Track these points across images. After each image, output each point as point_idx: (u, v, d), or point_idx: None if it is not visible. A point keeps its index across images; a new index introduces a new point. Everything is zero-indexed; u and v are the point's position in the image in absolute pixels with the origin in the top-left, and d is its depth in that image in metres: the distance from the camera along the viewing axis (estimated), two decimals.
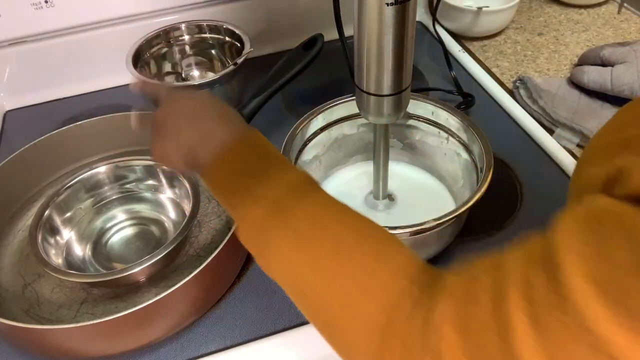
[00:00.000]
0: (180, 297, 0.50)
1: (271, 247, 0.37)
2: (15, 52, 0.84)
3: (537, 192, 0.66)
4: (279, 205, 0.37)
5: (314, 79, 0.84)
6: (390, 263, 0.33)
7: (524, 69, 0.87)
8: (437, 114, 0.64)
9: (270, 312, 0.56)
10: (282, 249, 0.36)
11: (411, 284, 0.31)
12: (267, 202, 0.37)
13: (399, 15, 0.45)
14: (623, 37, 0.92)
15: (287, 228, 0.36)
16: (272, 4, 0.90)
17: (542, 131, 0.74)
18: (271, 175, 0.39)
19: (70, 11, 0.81)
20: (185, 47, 0.85)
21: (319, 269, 0.34)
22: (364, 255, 0.34)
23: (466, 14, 0.91)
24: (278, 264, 0.37)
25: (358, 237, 0.35)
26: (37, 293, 0.58)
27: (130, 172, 0.67)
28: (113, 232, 0.65)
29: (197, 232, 0.63)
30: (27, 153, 0.66)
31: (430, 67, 0.89)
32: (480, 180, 0.55)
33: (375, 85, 0.51)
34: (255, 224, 0.38)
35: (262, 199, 0.38)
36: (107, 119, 0.70)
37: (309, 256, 0.35)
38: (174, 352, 0.53)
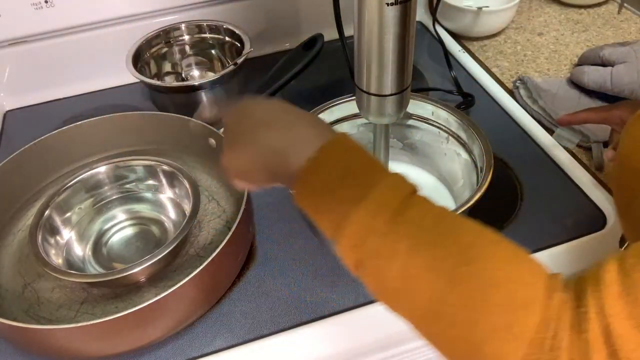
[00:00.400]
0: (180, 297, 0.50)
1: (384, 255, 0.34)
2: (15, 52, 0.84)
3: (537, 192, 0.66)
4: (388, 209, 0.35)
5: (314, 79, 0.83)
6: (527, 263, 0.33)
7: (524, 69, 0.87)
8: (437, 114, 0.64)
9: (270, 312, 0.56)
10: (401, 257, 0.33)
11: (560, 287, 0.31)
12: (371, 203, 0.35)
13: (399, 15, 0.45)
14: (623, 37, 0.92)
15: (405, 234, 0.34)
16: (272, 4, 0.90)
17: (542, 131, 0.74)
18: (370, 175, 0.37)
19: (70, 11, 0.81)
20: (185, 47, 0.85)
21: (453, 281, 0.32)
22: (500, 261, 0.32)
23: (466, 14, 0.91)
24: (399, 272, 0.34)
25: (485, 242, 0.33)
26: (37, 293, 0.58)
27: (130, 172, 0.67)
28: (113, 232, 0.65)
29: (197, 232, 0.63)
30: (27, 153, 0.66)
31: (430, 67, 0.89)
32: (480, 180, 0.55)
33: (375, 85, 0.51)
34: (360, 227, 0.35)
35: (365, 200, 0.35)
36: (107, 119, 0.70)
37: (437, 266, 0.32)
38: (174, 352, 0.53)
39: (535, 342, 0.29)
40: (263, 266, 0.60)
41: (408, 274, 0.33)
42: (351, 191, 0.36)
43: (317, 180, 0.38)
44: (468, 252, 0.32)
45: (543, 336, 0.29)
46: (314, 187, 0.38)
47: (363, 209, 0.35)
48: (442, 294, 0.32)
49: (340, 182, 0.37)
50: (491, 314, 0.31)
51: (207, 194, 0.67)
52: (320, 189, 0.37)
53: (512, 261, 0.32)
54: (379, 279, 0.35)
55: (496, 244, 0.33)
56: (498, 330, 0.30)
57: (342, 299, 0.56)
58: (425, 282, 0.33)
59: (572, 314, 0.30)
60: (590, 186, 0.66)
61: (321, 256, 0.61)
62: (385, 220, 0.34)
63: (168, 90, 0.78)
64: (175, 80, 0.86)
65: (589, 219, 0.62)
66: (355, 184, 0.36)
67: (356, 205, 0.35)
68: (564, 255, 0.59)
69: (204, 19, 0.85)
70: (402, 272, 0.33)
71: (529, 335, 0.29)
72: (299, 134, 0.40)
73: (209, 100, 0.76)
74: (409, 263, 0.33)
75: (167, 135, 0.70)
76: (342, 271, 0.59)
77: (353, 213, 0.35)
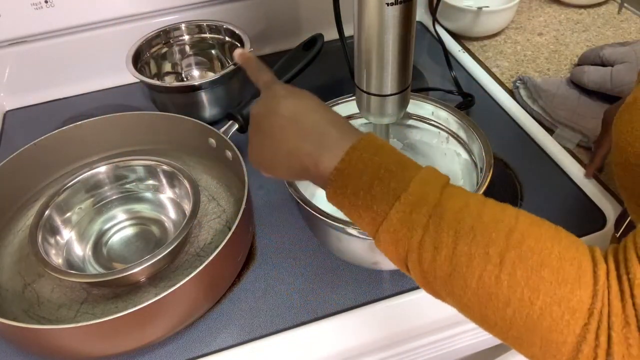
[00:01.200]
0: (180, 297, 0.50)
1: (430, 247, 0.35)
2: (15, 52, 0.84)
3: (537, 192, 0.66)
4: (428, 202, 0.36)
5: (314, 79, 0.83)
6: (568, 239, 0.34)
7: (524, 69, 0.87)
8: (437, 114, 0.64)
9: (270, 312, 0.56)
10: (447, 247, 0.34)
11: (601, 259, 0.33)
12: (411, 196, 0.36)
13: (399, 15, 0.45)
14: (623, 37, 0.92)
15: (448, 225, 0.35)
16: (272, 4, 0.90)
17: (542, 131, 0.74)
18: (405, 170, 0.37)
19: (70, 11, 0.81)
20: (185, 47, 0.85)
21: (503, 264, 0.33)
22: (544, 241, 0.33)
23: (466, 14, 0.91)
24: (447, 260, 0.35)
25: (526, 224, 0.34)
26: (37, 293, 0.58)
27: (130, 172, 0.67)
28: (113, 232, 0.65)
29: (197, 232, 0.63)
30: (27, 153, 0.66)
31: (430, 67, 0.89)
32: (480, 180, 0.55)
33: (375, 85, 0.51)
34: (402, 223, 0.36)
35: (404, 194, 0.36)
36: (107, 119, 0.70)
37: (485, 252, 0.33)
38: (174, 352, 0.53)
39: (591, 312, 0.31)
40: (263, 266, 0.60)
41: (457, 261, 0.34)
42: (388, 188, 0.37)
43: (351, 181, 0.38)
44: (512, 237, 0.33)
45: (597, 306, 0.31)
46: (348, 188, 0.38)
47: (403, 204, 0.36)
48: (494, 275, 0.33)
49: (375, 181, 0.37)
50: (546, 291, 0.32)
51: (207, 194, 0.67)
52: (355, 189, 0.38)
53: (555, 239, 0.34)
54: (426, 269, 0.36)
55: (537, 225, 0.34)
56: (555, 304, 0.32)
57: (342, 299, 0.56)
58: (475, 267, 0.34)
59: (618, 282, 0.32)
60: (590, 186, 0.66)
61: (321, 256, 0.61)
62: (427, 212, 0.35)
63: (168, 90, 0.78)
64: (175, 80, 0.86)
65: (589, 219, 0.62)
66: (391, 180, 0.37)
67: (395, 200, 0.36)
68: None
69: (204, 19, 0.85)
70: (450, 260, 0.34)
71: (585, 307, 0.31)
72: (327, 134, 0.41)
73: (208, 100, 0.76)
74: (456, 251, 0.34)
75: (167, 135, 0.70)
76: (342, 271, 0.59)
77: (393, 209, 0.36)
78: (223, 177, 0.68)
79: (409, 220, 0.36)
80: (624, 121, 0.41)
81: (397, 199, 0.36)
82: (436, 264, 0.35)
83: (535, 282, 0.32)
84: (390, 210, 0.36)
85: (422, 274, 0.36)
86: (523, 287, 0.32)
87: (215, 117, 0.78)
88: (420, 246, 0.35)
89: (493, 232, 0.34)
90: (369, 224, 0.38)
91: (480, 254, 0.33)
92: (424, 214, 0.35)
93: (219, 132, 0.65)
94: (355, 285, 0.57)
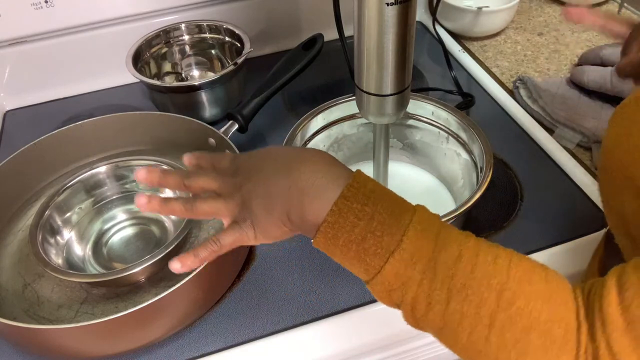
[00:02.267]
0: (180, 297, 0.50)
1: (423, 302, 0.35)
2: (15, 52, 0.84)
3: (537, 192, 0.66)
4: (422, 257, 0.35)
5: (314, 79, 0.84)
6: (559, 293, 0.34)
7: (524, 69, 0.87)
8: (437, 114, 0.64)
9: (270, 312, 0.56)
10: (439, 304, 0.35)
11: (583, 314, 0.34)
12: (405, 252, 0.35)
13: (399, 15, 0.45)
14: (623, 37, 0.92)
15: (441, 282, 0.35)
16: (272, 4, 0.90)
17: (542, 131, 0.74)
18: (398, 220, 0.36)
19: (70, 11, 0.81)
20: (185, 47, 0.85)
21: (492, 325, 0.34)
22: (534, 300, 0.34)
23: (466, 14, 0.91)
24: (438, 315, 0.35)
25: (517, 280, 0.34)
26: (37, 293, 0.58)
27: (130, 172, 0.67)
28: (113, 232, 0.65)
29: (197, 232, 0.63)
30: (27, 153, 0.66)
31: (430, 67, 0.89)
32: (480, 180, 0.55)
33: (375, 85, 0.51)
34: (396, 277, 0.36)
35: (398, 250, 0.35)
36: (107, 119, 0.70)
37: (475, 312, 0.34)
38: (174, 352, 0.53)
39: None
40: (263, 266, 0.60)
41: (449, 318, 0.35)
42: (381, 243, 0.36)
43: (342, 234, 0.37)
44: (502, 296, 0.34)
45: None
46: (340, 239, 0.37)
47: (397, 260, 0.35)
48: (483, 335, 0.34)
49: (367, 234, 0.36)
50: (534, 354, 0.33)
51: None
52: (347, 242, 0.37)
53: (544, 296, 0.34)
54: (418, 318, 0.36)
55: (527, 281, 0.34)
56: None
57: (342, 299, 0.56)
58: (466, 326, 0.34)
59: (591, 347, 0.32)
60: (590, 186, 0.66)
61: (321, 256, 0.61)
62: (421, 269, 0.35)
63: (168, 90, 0.78)
64: (175, 80, 0.86)
65: (589, 219, 0.62)
66: (384, 234, 0.36)
67: (390, 256, 0.36)
68: (564, 255, 0.59)
69: (204, 19, 0.85)
70: (442, 316, 0.35)
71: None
72: (310, 181, 0.38)
73: (208, 100, 0.76)
74: (448, 309, 0.35)
75: (167, 135, 0.70)
76: (342, 271, 0.59)
77: (387, 264, 0.36)
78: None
79: (403, 275, 0.35)
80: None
81: (391, 255, 0.35)
82: (428, 317, 0.36)
83: (523, 346, 0.33)
84: (385, 265, 0.36)
85: (414, 321, 0.37)
86: (510, 349, 0.33)
87: (215, 117, 0.78)
88: (413, 301, 0.36)
89: (485, 292, 0.34)
90: (361, 273, 0.38)
91: (471, 314, 0.34)
92: (418, 270, 0.35)
93: (219, 132, 0.65)
94: (355, 285, 0.57)
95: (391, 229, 0.36)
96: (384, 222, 0.36)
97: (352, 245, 0.37)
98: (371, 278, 0.37)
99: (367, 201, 0.37)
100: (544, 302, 0.34)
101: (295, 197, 0.38)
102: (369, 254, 0.36)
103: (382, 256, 0.36)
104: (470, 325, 0.34)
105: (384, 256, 0.36)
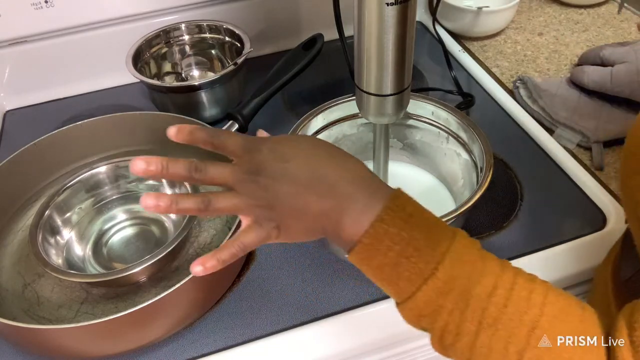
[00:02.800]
0: (180, 297, 0.50)
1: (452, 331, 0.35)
2: (15, 52, 0.84)
3: (537, 192, 0.66)
4: (456, 287, 0.34)
5: (314, 79, 0.84)
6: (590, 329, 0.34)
7: (524, 69, 0.87)
8: (437, 114, 0.64)
9: (270, 312, 0.56)
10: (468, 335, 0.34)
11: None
12: (439, 281, 0.34)
13: (399, 15, 0.45)
14: (623, 37, 0.92)
15: (472, 314, 0.34)
16: (272, 4, 0.90)
17: (542, 131, 0.74)
18: (434, 247, 0.35)
19: (70, 11, 0.81)
20: (185, 47, 0.85)
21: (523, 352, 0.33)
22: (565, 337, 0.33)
23: (466, 14, 0.91)
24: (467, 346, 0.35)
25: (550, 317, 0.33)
26: (37, 293, 0.58)
27: (131, 172, 0.67)
28: (113, 232, 0.65)
29: (197, 232, 0.63)
30: (27, 153, 0.66)
31: (430, 67, 0.89)
32: (480, 180, 0.55)
33: (375, 85, 0.51)
34: (428, 304, 0.35)
35: (432, 278, 0.34)
36: (107, 119, 0.70)
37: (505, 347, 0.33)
38: (174, 352, 0.53)
39: None
40: (263, 266, 0.60)
41: (476, 351, 0.34)
42: (415, 269, 0.35)
43: (376, 256, 0.36)
44: (533, 334, 0.33)
45: None
46: (373, 261, 0.36)
47: (431, 288, 0.35)
48: None
49: (402, 259, 0.35)
50: None
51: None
52: (380, 264, 0.36)
53: (577, 332, 0.33)
54: (445, 346, 0.36)
55: (562, 320, 0.34)
56: None
57: (342, 299, 0.56)
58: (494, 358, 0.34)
59: None
60: (590, 186, 0.66)
61: (321, 256, 0.61)
62: (453, 299, 0.34)
63: (168, 90, 0.78)
64: (175, 80, 0.86)
65: (589, 219, 0.62)
66: (419, 260, 0.35)
67: (423, 284, 0.35)
68: (564, 255, 0.59)
69: (204, 19, 0.85)
70: (470, 348, 0.34)
71: None
72: (351, 194, 0.37)
73: (208, 100, 0.76)
74: (477, 342, 0.34)
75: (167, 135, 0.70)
76: (342, 271, 0.59)
77: (420, 291, 0.35)
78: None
79: (435, 303, 0.35)
80: None
81: (424, 282, 0.35)
82: (455, 347, 0.35)
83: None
84: (417, 292, 0.35)
85: (441, 348, 0.37)
86: None
87: (215, 117, 0.78)
88: (442, 329, 0.35)
89: (516, 327, 0.33)
90: (391, 294, 0.37)
91: (499, 349, 0.33)
92: (451, 300, 0.34)
93: None
94: (355, 285, 0.57)
95: (427, 256, 0.35)
96: (420, 249, 0.35)
97: (386, 268, 0.36)
98: (402, 301, 0.36)
99: (405, 226, 0.36)
100: (576, 344, 0.33)
101: (334, 216, 0.37)
102: (402, 279, 0.35)
103: (415, 282, 0.35)
104: (499, 359, 0.34)
105: (417, 282, 0.35)
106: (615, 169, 0.68)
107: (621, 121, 0.73)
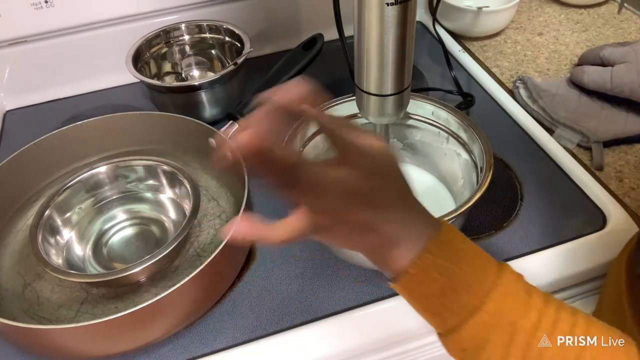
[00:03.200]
0: (180, 297, 0.50)
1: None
2: (15, 52, 0.84)
3: (537, 192, 0.66)
4: (500, 317, 0.34)
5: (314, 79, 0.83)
6: None
7: (524, 69, 0.87)
8: (437, 114, 0.64)
9: (270, 312, 0.56)
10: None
11: None
12: (485, 315, 0.34)
13: (399, 15, 0.45)
14: (623, 37, 0.92)
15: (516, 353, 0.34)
16: (272, 4, 0.90)
17: (542, 131, 0.74)
18: (481, 281, 0.35)
19: (70, 11, 0.81)
20: (185, 47, 0.85)
21: None
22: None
23: (466, 14, 0.91)
24: None
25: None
26: (37, 293, 0.58)
27: (131, 172, 0.67)
28: (113, 232, 0.65)
29: (197, 232, 0.63)
30: (27, 153, 0.66)
31: (430, 67, 0.89)
32: (480, 180, 0.55)
33: (375, 85, 0.51)
34: (472, 338, 0.35)
35: (478, 312, 0.34)
36: (107, 119, 0.70)
37: None
38: (174, 352, 0.53)
39: None
40: (263, 266, 0.60)
41: None
42: (461, 301, 0.35)
43: (422, 286, 0.36)
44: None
45: None
46: (417, 291, 0.36)
47: (477, 322, 0.35)
48: None
49: (448, 291, 0.35)
50: None
51: (207, 194, 0.67)
52: (425, 294, 0.36)
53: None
54: None
55: (602, 352, 0.34)
56: None
57: (342, 299, 0.56)
58: None
59: None
60: (590, 186, 0.66)
61: (321, 256, 0.61)
62: (500, 333, 0.34)
63: (168, 90, 0.78)
64: (175, 80, 0.86)
65: (589, 219, 0.62)
66: (466, 294, 0.35)
67: (469, 317, 0.35)
68: (564, 255, 0.59)
69: (204, 19, 0.85)
70: None
71: None
72: (402, 230, 0.36)
73: (208, 100, 0.76)
74: None
75: (167, 135, 0.70)
76: (342, 271, 0.59)
77: (466, 325, 0.35)
78: (223, 177, 0.68)
79: (480, 338, 0.35)
80: None
81: (470, 316, 0.35)
82: None
83: None
84: (463, 324, 0.35)
85: None
86: None
87: (215, 117, 0.78)
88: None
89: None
90: (434, 325, 0.37)
91: None
92: (496, 334, 0.34)
93: (219, 132, 0.65)
94: (355, 285, 0.57)
95: (473, 288, 0.35)
96: (467, 282, 0.35)
97: (430, 299, 0.36)
98: (445, 333, 0.36)
99: (453, 258, 0.35)
100: None
101: (386, 246, 0.36)
102: (447, 310, 0.35)
103: (460, 315, 0.35)
104: None
105: (462, 315, 0.35)
106: (615, 169, 0.68)
107: (621, 121, 0.73)
